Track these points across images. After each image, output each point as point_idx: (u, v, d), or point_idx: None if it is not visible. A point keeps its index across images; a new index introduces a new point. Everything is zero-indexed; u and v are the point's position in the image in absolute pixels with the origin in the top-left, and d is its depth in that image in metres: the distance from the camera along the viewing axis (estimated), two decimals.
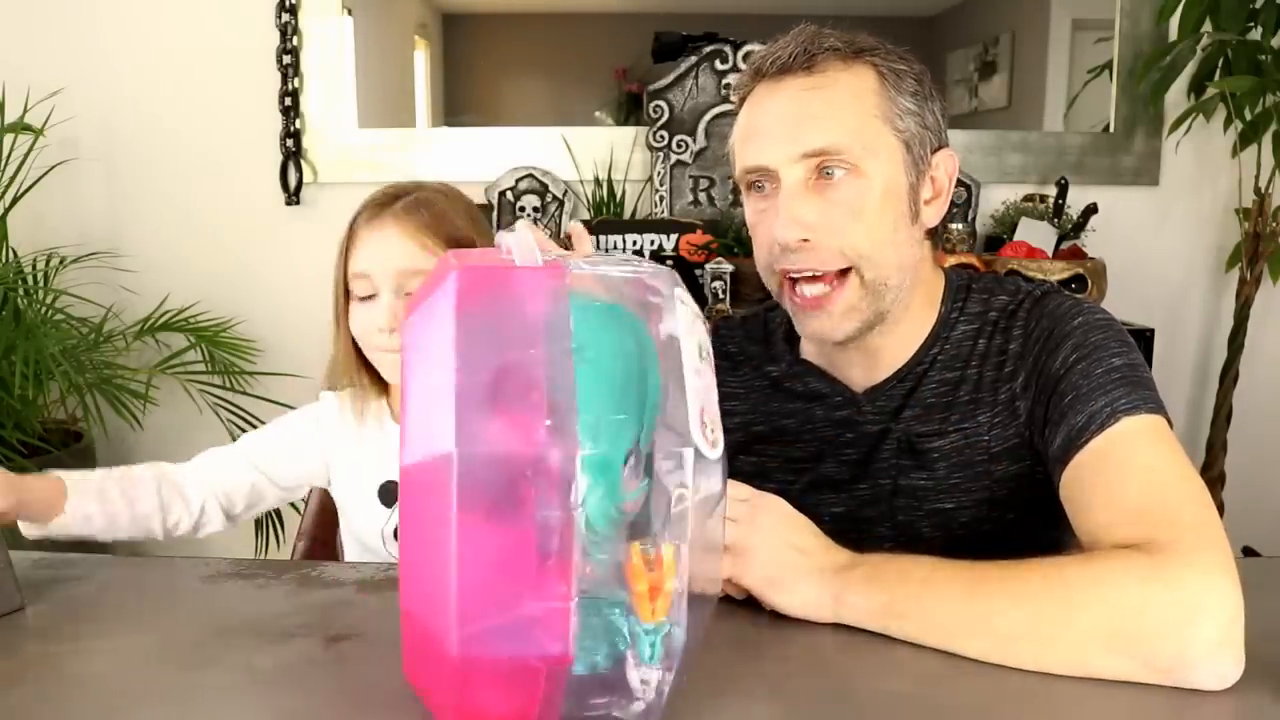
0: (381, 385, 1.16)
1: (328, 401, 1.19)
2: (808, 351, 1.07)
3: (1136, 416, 0.85)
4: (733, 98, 1.02)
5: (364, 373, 1.14)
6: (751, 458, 1.07)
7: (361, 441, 1.17)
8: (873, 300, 0.94)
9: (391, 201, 1.10)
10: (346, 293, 1.12)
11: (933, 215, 0.98)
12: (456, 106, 2.65)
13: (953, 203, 2.33)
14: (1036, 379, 0.94)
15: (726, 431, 1.12)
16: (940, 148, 0.97)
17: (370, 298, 1.09)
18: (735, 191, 2.38)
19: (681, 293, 0.64)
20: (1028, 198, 2.38)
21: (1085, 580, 0.74)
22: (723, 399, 1.03)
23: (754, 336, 1.12)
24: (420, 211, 1.09)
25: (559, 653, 0.58)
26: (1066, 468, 0.87)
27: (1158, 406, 0.87)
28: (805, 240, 0.91)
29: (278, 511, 2.16)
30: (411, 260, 1.07)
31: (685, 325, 0.62)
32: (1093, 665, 0.72)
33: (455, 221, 1.11)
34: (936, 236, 1.01)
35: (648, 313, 0.62)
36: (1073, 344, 0.93)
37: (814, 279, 0.93)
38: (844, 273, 0.93)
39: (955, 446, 0.97)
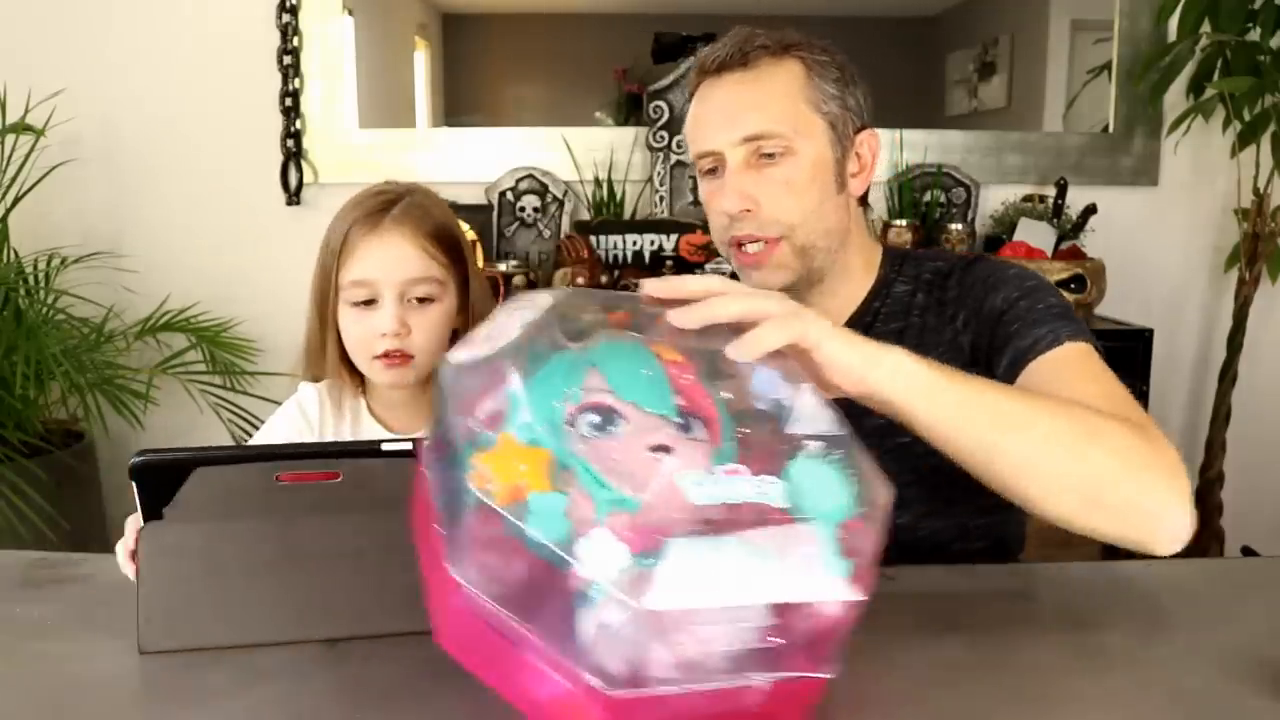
0: (358, 383, 1.17)
1: (307, 392, 1.20)
2: None
3: (1079, 343, 0.98)
4: (686, 97, 1.16)
5: (346, 372, 1.15)
6: None
7: (337, 435, 1.18)
8: (803, 260, 1.08)
9: (386, 207, 1.10)
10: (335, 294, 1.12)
11: (859, 186, 1.12)
12: (456, 107, 2.66)
13: (952, 203, 2.38)
14: (977, 315, 1.07)
15: None
16: (863, 128, 1.11)
17: (368, 304, 1.09)
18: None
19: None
20: (1027, 198, 2.38)
21: (1101, 419, 0.81)
22: None
23: None
24: (418, 216, 1.10)
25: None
26: (1019, 378, 0.98)
27: (1092, 340, 0.99)
28: (748, 210, 1.05)
29: None
30: (418, 268, 1.09)
31: None
32: (1102, 495, 0.79)
33: (446, 222, 1.14)
34: (866, 208, 1.17)
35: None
36: (1012, 286, 1.06)
37: (754, 240, 1.07)
38: (778, 239, 1.07)
39: None
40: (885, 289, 1.14)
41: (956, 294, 1.10)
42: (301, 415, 1.18)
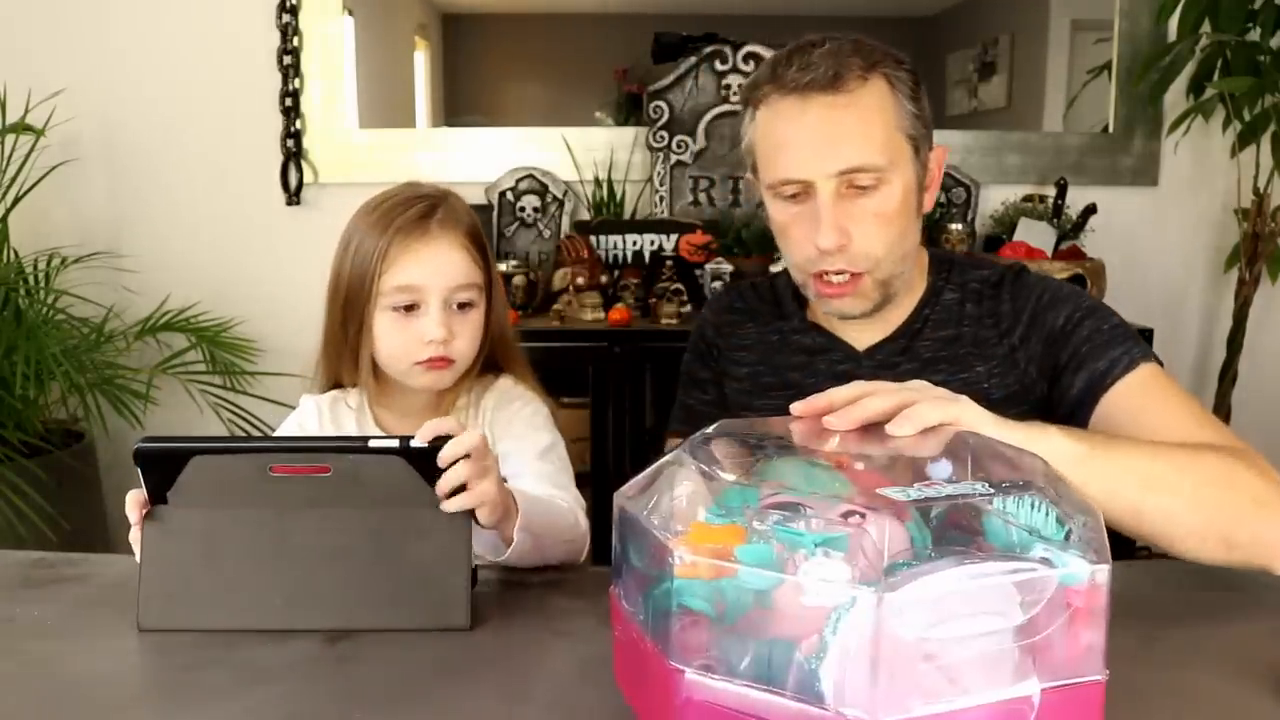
0: (375, 390, 1.16)
1: (306, 406, 1.19)
2: (815, 314, 1.20)
3: (1150, 363, 1.03)
4: (739, 97, 1.12)
5: (373, 377, 1.14)
6: (754, 412, 1.17)
7: None
8: (883, 290, 1.09)
9: (429, 212, 1.09)
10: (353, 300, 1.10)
11: (928, 202, 1.11)
12: (457, 107, 2.66)
13: (952, 203, 2.38)
14: (1036, 332, 1.09)
15: (736, 380, 1.21)
16: (932, 144, 1.10)
17: (411, 309, 1.08)
18: (735, 191, 2.38)
19: None
20: (1027, 198, 2.38)
21: (1227, 463, 0.88)
22: (734, 349, 1.22)
23: (764, 297, 1.26)
24: (459, 221, 1.11)
25: None
26: (1100, 403, 1.02)
27: (1153, 353, 1.05)
28: (843, 245, 1.04)
29: None
30: (465, 274, 1.09)
31: None
32: (1237, 535, 0.85)
33: (478, 225, 1.14)
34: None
35: None
36: (1072, 305, 1.09)
37: (841, 273, 1.07)
38: (863, 273, 1.07)
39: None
40: (935, 296, 1.15)
41: (1010, 308, 1.12)
42: (300, 432, 1.17)
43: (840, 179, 1.02)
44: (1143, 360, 1.03)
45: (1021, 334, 1.10)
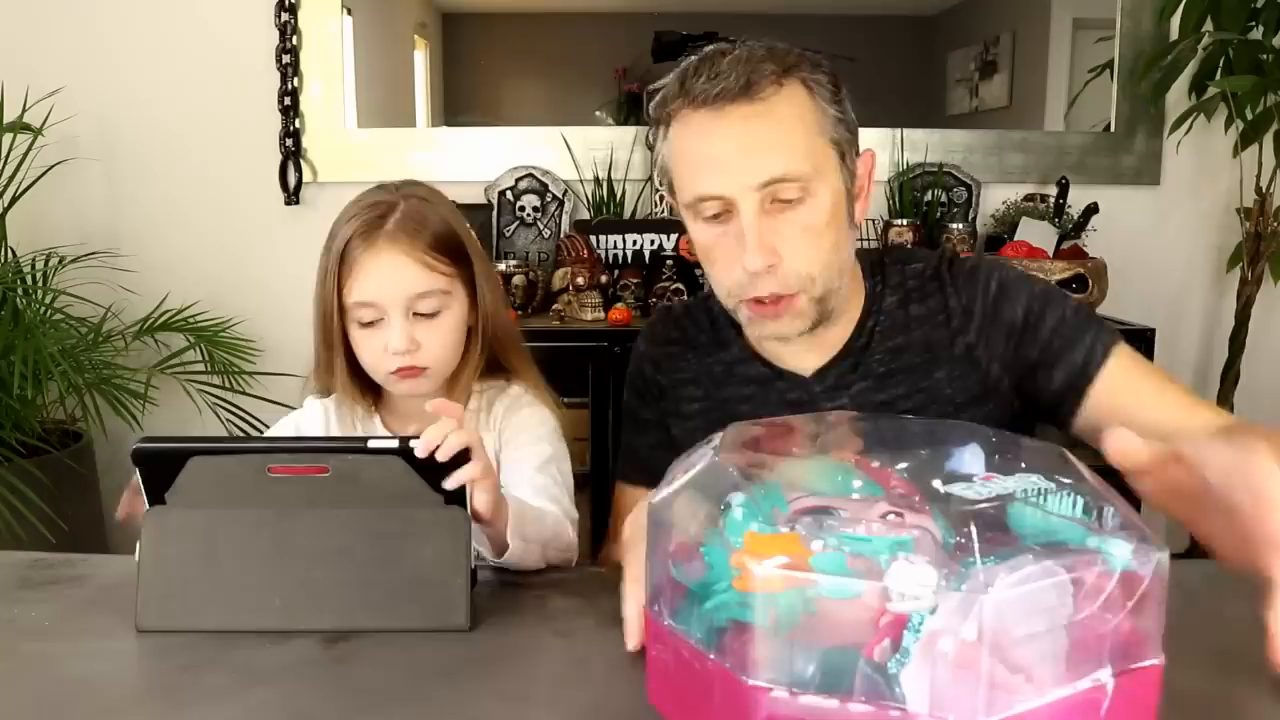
0: (373, 397, 1.15)
1: (310, 409, 1.18)
2: (753, 341, 1.11)
3: (1118, 345, 1.02)
4: (649, 113, 1.05)
5: (357, 388, 1.13)
6: None
7: None
8: (820, 307, 1.01)
9: (380, 222, 1.06)
10: (340, 313, 1.08)
11: (860, 212, 1.04)
12: (456, 106, 2.65)
13: (953, 202, 2.37)
14: (998, 329, 1.04)
15: (686, 418, 1.15)
16: (858, 149, 1.03)
17: (374, 323, 1.07)
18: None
19: None
20: (1028, 197, 2.38)
21: None
22: (681, 383, 1.15)
23: (700, 325, 1.17)
24: (414, 228, 1.07)
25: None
26: (1087, 396, 1.00)
27: (1115, 330, 1.04)
28: (773, 265, 0.97)
29: None
30: (421, 283, 1.06)
31: None
32: None
33: (445, 226, 1.10)
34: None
35: None
36: (1026, 294, 1.04)
37: (776, 297, 0.99)
38: (797, 293, 1.00)
39: (921, 404, 1.06)
40: (876, 304, 1.09)
41: (958, 302, 1.06)
42: (296, 432, 1.17)
43: (763, 192, 0.95)
44: (1113, 344, 1.01)
45: (978, 329, 1.05)
